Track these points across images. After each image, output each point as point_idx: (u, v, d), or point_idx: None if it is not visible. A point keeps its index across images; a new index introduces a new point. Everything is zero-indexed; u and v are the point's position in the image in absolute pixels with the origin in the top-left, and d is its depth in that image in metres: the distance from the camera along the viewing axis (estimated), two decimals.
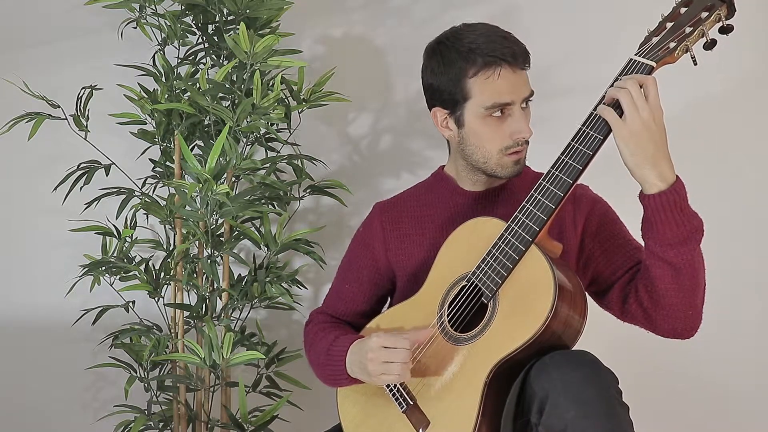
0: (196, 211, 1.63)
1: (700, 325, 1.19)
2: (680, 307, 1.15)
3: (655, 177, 1.06)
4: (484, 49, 1.18)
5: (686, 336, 1.20)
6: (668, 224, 1.07)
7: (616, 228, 1.29)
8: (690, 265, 1.11)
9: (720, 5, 1.06)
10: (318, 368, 1.34)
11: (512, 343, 1.07)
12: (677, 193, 1.06)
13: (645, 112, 1.04)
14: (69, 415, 2.23)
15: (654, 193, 1.06)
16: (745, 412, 1.74)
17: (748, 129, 1.73)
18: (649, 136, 1.04)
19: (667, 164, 1.06)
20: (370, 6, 2.02)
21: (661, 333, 1.21)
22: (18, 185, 2.29)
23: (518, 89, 1.20)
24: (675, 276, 1.11)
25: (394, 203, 1.40)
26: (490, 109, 1.20)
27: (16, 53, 2.22)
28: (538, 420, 1.03)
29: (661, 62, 1.07)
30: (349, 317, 1.42)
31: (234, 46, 1.60)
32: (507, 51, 1.18)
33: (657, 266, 1.12)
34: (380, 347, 1.16)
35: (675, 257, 1.09)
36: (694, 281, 1.13)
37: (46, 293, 2.18)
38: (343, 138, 2.05)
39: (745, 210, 1.72)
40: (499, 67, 1.18)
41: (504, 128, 1.21)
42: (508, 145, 1.22)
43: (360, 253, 1.40)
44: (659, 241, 1.09)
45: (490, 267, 1.14)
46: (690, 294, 1.14)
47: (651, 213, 1.08)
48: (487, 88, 1.19)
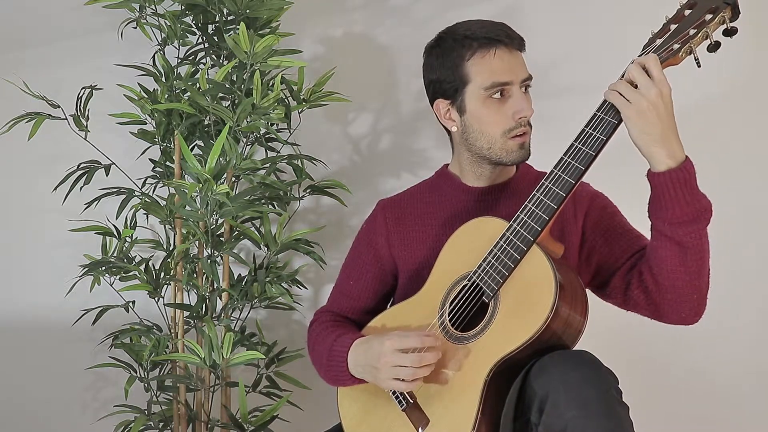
0: (196, 211, 1.63)
1: (704, 313, 1.19)
2: (686, 290, 1.14)
3: (665, 155, 1.06)
4: (479, 32, 1.22)
5: (690, 322, 1.19)
6: (677, 202, 1.07)
7: (616, 219, 1.29)
8: (698, 245, 1.10)
9: (724, 7, 1.06)
10: (321, 369, 1.34)
11: (513, 342, 1.07)
12: (687, 171, 1.06)
13: (652, 90, 1.04)
14: (69, 415, 2.23)
15: (663, 171, 1.06)
16: (745, 412, 1.74)
17: (748, 129, 1.73)
18: (656, 114, 1.04)
19: (676, 142, 1.06)
20: (370, 6, 2.02)
21: (666, 319, 1.21)
22: (18, 185, 2.29)
23: (515, 69, 1.22)
24: (682, 256, 1.11)
25: (398, 200, 1.41)
26: (490, 89, 1.21)
27: (16, 53, 2.22)
28: (538, 420, 1.03)
29: (665, 64, 1.08)
30: (353, 314, 1.41)
31: (234, 46, 1.60)
32: (501, 32, 1.21)
33: (664, 246, 1.12)
34: (393, 351, 1.15)
35: (684, 236, 1.09)
36: (701, 263, 1.13)
37: (46, 293, 2.18)
38: (343, 138, 2.05)
39: (745, 210, 1.72)
40: (494, 47, 1.21)
41: (505, 110, 1.22)
42: (510, 127, 1.22)
43: (364, 250, 1.40)
44: (668, 220, 1.09)
45: (491, 266, 1.14)
46: (696, 277, 1.13)
47: (660, 191, 1.08)
48: (485, 68, 1.21)
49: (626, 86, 1.06)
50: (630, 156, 1.14)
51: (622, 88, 1.06)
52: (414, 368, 1.13)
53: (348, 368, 1.25)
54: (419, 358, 1.13)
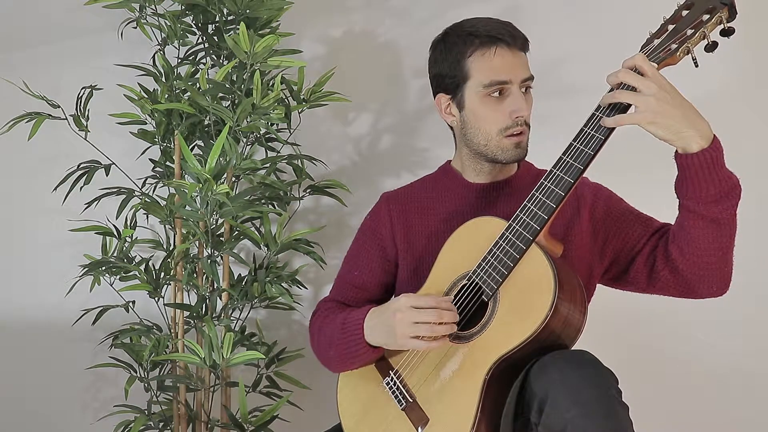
0: (196, 211, 1.63)
1: None
2: (718, 264, 1.16)
3: (698, 136, 1.06)
4: (482, 30, 1.22)
5: (721, 293, 1.22)
6: (711, 181, 1.08)
7: (623, 206, 1.31)
8: (731, 220, 1.13)
9: (721, 8, 1.06)
10: (331, 347, 1.30)
11: (512, 340, 1.07)
12: (718, 148, 1.08)
13: (651, 87, 1.04)
14: (69, 415, 2.23)
15: (697, 152, 1.06)
16: (746, 412, 1.74)
17: (748, 129, 1.73)
18: (669, 103, 1.04)
19: (701, 121, 1.07)
20: (370, 6, 2.02)
21: (697, 294, 1.22)
22: (18, 185, 2.29)
23: (516, 69, 1.22)
24: (717, 233, 1.13)
25: (401, 194, 1.42)
26: (488, 87, 1.22)
27: (16, 53, 2.22)
28: (538, 419, 1.03)
29: (663, 63, 1.08)
30: (358, 304, 1.38)
31: (234, 46, 1.60)
32: (504, 31, 1.22)
33: (698, 225, 1.13)
34: (409, 307, 1.14)
35: (718, 213, 1.11)
36: (732, 238, 1.15)
37: (46, 293, 2.18)
38: (343, 138, 2.05)
39: (745, 210, 1.71)
40: (495, 45, 1.21)
41: (503, 108, 1.23)
42: (507, 125, 1.23)
43: (368, 241, 1.40)
44: (703, 200, 1.10)
45: (491, 265, 1.14)
46: (727, 250, 1.16)
47: (693, 171, 1.08)
48: (485, 66, 1.22)
49: (628, 94, 1.05)
50: (632, 158, 1.14)
51: (625, 97, 1.05)
52: (432, 324, 1.12)
53: (364, 335, 1.22)
54: (438, 313, 1.12)
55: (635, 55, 1.07)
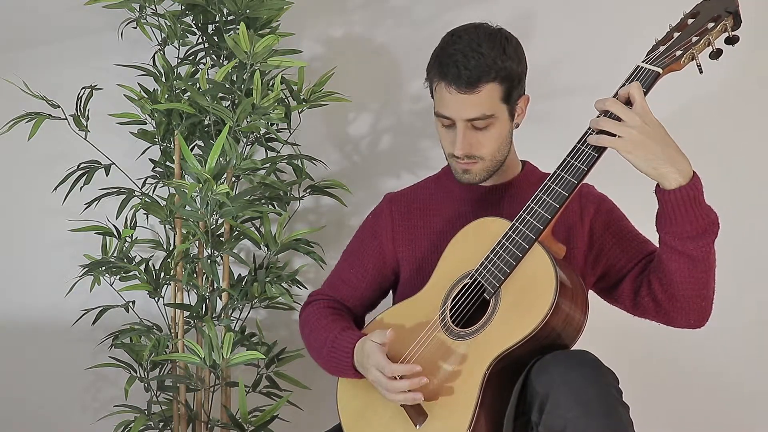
0: (196, 211, 1.63)
1: (710, 317, 1.22)
2: (695, 298, 1.17)
3: (675, 172, 1.07)
4: (443, 58, 1.22)
5: (698, 326, 1.23)
6: (687, 218, 1.09)
7: (623, 223, 1.32)
8: (706, 257, 1.13)
9: (726, 16, 1.08)
10: (319, 358, 1.34)
11: (512, 337, 1.08)
12: (696, 187, 1.08)
13: (634, 120, 1.05)
14: (69, 415, 2.23)
15: (674, 188, 1.07)
16: (746, 412, 1.74)
17: (748, 129, 1.73)
18: (651, 137, 1.05)
19: (682, 158, 1.08)
20: (370, 6, 2.02)
21: (675, 324, 1.24)
22: (18, 185, 2.29)
23: (459, 109, 1.22)
24: (692, 268, 1.13)
25: (404, 195, 1.43)
26: (437, 116, 1.26)
27: (16, 53, 2.22)
28: (539, 419, 1.04)
29: (667, 69, 1.10)
30: (350, 302, 1.43)
31: (234, 46, 1.60)
32: (454, 72, 1.20)
33: (674, 260, 1.14)
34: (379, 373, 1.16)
35: (693, 250, 1.11)
36: (709, 274, 1.16)
37: (46, 293, 2.18)
38: (343, 138, 2.05)
39: (745, 210, 1.72)
40: (443, 80, 1.22)
41: (449, 137, 1.27)
42: (450, 153, 1.27)
43: (367, 241, 1.42)
44: (678, 235, 1.11)
45: (493, 264, 1.15)
46: (704, 286, 1.17)
47: (670, 207, 1.09)
48: (437, 95, 1.25)
49: (611, 123, 1.07)
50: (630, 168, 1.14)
51: (608, 125, 1.07)
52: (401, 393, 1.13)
53: (353, 362, 1.25)
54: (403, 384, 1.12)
55: (632, 83, 1.08)
